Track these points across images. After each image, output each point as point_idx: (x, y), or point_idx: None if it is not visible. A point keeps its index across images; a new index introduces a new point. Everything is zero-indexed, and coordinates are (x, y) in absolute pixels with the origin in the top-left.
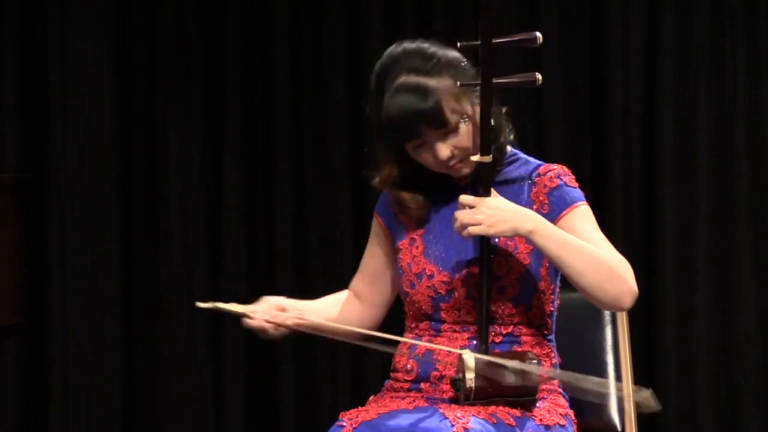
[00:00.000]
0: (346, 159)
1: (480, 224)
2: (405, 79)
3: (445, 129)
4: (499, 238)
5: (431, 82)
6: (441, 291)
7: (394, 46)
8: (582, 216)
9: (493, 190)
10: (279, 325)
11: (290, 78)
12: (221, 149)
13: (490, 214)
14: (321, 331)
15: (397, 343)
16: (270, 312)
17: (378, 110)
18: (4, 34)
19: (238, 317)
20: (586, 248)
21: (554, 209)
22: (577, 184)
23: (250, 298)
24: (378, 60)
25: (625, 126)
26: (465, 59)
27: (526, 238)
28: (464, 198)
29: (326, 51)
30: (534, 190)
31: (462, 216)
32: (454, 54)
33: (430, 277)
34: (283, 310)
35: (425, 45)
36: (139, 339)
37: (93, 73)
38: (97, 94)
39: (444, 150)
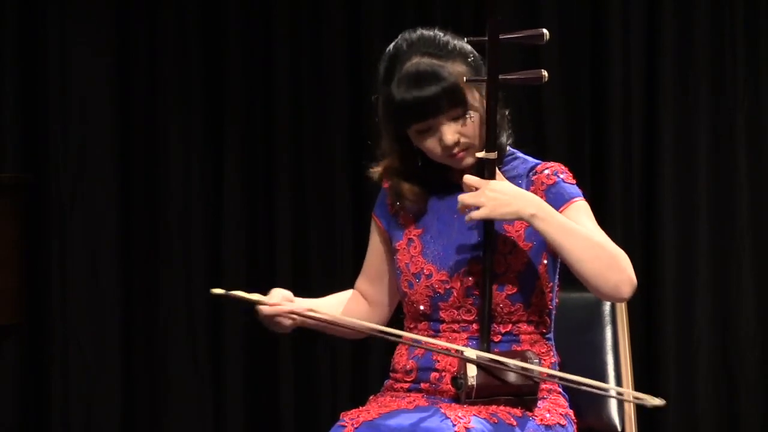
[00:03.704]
0: (346, 159)
1: (482, 206)
2: (419, 60)
3: (460, 110)
4: (502, 221)
5: (446, 65)
6: (439, 290)
7: (408, 31)
8: (580, 211)
9: (498, 172)
10: (293, 314)
11: (290, 78)
12: (221, 149)
13: (493, 197)
14: (332, 325)
15: (400, 338)
16: (283, 302)
17: (387, 91)
18: (4, 34)
19: (251, 305)
20: (587, 235)
21: (552, 206)
22: (574, 181)
23: None
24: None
25: (625, 126)
26: (476, 53)
27: (528, 222)
28: (468, 178)
29: (326, 51)
30: (532, 188)
31: (464, 197)
32: (467, 46)
33: (429, 276)
34: (290, 299)
35: (441, 33)
36: (139, 339)
37: (93, 73)
38: (97, 95)
39: (450, 135)
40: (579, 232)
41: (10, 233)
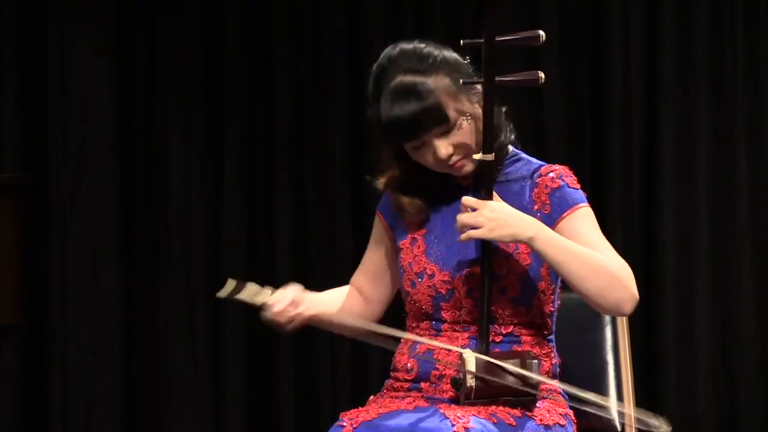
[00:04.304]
0: (346, 159)
1: (480, 227)
2: (402, 78)
3: (445, 126)
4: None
5: (428, 80)
6: (442, 290)
7: (390, 47)
8: (583, 218)
9: (495, 193)
10: (296, 319)
11: (290, 78)
12: (221, 149)
13: (491, 217)
14: (333, 325)
15: (400, 339)
16: (287, 308)
17: (377, 111)
18: (4, 34)
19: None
20: (586, 254)
21: (555, 210)
22: (578, 185)
23: None
24: (375, 62)
25: (625, 126)
26: (463, 58)
27: (527, 244)
28: (466, 200)
29: (326, 51)
30: (536, 190)
31: (463, 218)
32: (451, 53)
33: (431, 276)
34: (297, 302)
35: (422, 45)
36: (139, 339)
37: (93, 73)
38: (97, 95)
39: (444, 149)
40: (579, 252)
41: (10, 233)
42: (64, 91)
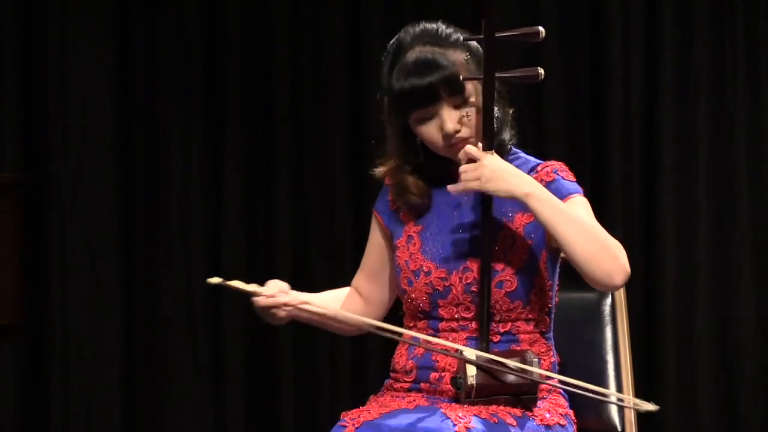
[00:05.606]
0: (346, 158)
1: (478, 179)
2: (421, 49)
3: (459, 98)
4: (494, 196)
5: (448, 52)
6: (439, 287)
7: (412, 24)
8: (578, 205)
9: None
10: (288, 306)
11: (290, 78)
12: (221, 149)
13: (490, 170)
14: (327, 318)
15: (399, 336)
16: (279, 294)
17: (390, 81)
18: (4, 33)
19: (246, 296)
20: (582, 219)
21: None
22: (573, 178)
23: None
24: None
25: (625, 126)
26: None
27: (522, 201)
28: (469, 148)
29: (326, 51)
30: None
31: (464, 168)
32: (471, 42)
33: (428, 273)
34: (287, 291)
35: (444, 26)
36: (139, 339)
37: (93, 73)
38: (97, 94)
39: (451, 122)
40: (573, 217)
41: (10, 233)
42: (64, 91)
